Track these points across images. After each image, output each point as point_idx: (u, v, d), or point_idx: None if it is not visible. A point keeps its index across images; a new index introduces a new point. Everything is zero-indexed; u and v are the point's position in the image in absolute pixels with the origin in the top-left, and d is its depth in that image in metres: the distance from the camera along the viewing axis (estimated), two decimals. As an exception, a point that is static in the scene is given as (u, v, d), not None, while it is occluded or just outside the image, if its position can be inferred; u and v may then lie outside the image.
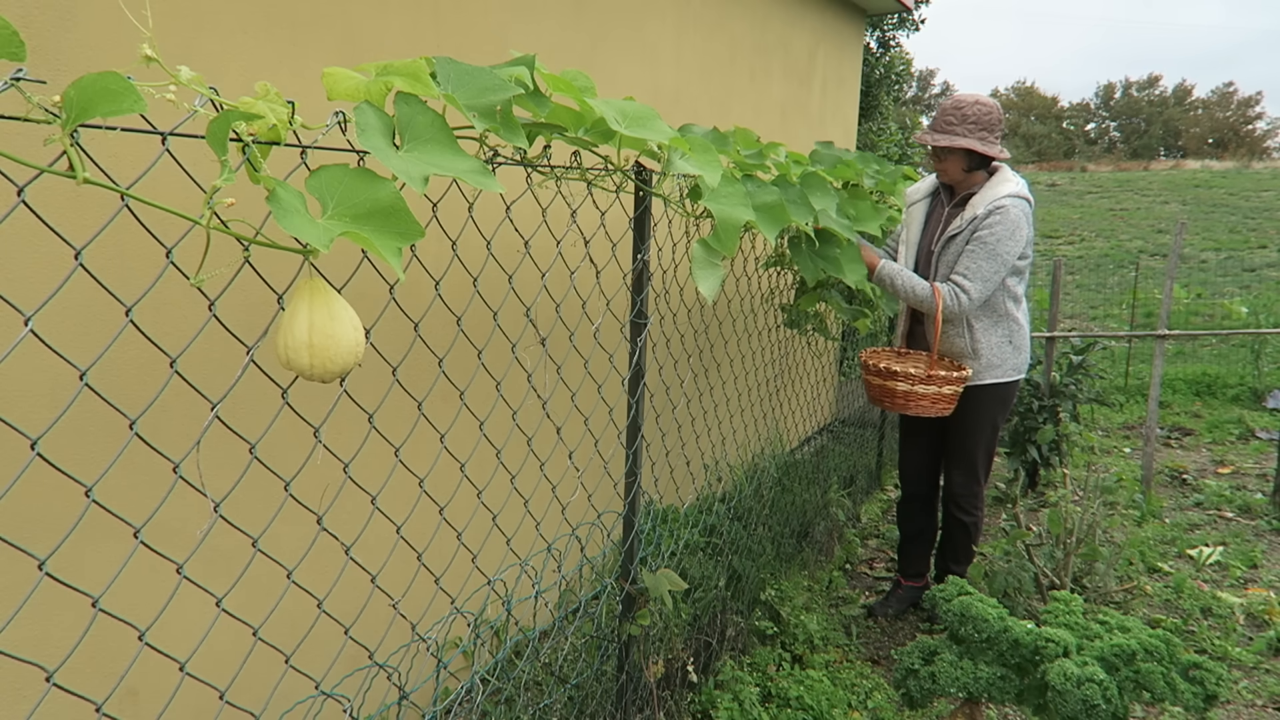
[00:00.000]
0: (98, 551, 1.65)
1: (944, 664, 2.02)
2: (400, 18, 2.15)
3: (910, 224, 3.11)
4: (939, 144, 2.85)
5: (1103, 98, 61.13)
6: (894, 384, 2.88)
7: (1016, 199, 2.83)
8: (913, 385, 2.86)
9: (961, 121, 2.83)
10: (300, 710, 1.82)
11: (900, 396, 2.89)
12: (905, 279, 2.88)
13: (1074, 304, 10.35)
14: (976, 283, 2.82)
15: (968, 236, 2.84)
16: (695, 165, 1.64)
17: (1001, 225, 2.79)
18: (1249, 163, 27.65)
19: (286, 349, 0.99)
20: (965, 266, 2.84)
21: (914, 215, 3.10)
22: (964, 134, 2.84)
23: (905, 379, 2.86)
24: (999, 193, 2.84)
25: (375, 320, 1.34)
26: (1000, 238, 2.79)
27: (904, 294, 2.89)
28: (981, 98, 2.88)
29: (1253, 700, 2.85)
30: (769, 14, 4.18)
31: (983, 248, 2.80)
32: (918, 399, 2.87)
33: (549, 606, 2.80)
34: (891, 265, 2.91)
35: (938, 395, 2.86)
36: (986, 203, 2.82)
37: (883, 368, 2.93)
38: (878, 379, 2.95)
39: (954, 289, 2.86)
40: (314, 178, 0.96)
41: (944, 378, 2.85)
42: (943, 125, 2.87)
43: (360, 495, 2.06)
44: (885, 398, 2.94)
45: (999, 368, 3.02)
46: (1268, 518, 4.41)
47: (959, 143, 2.82)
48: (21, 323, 0.82)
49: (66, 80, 1.46)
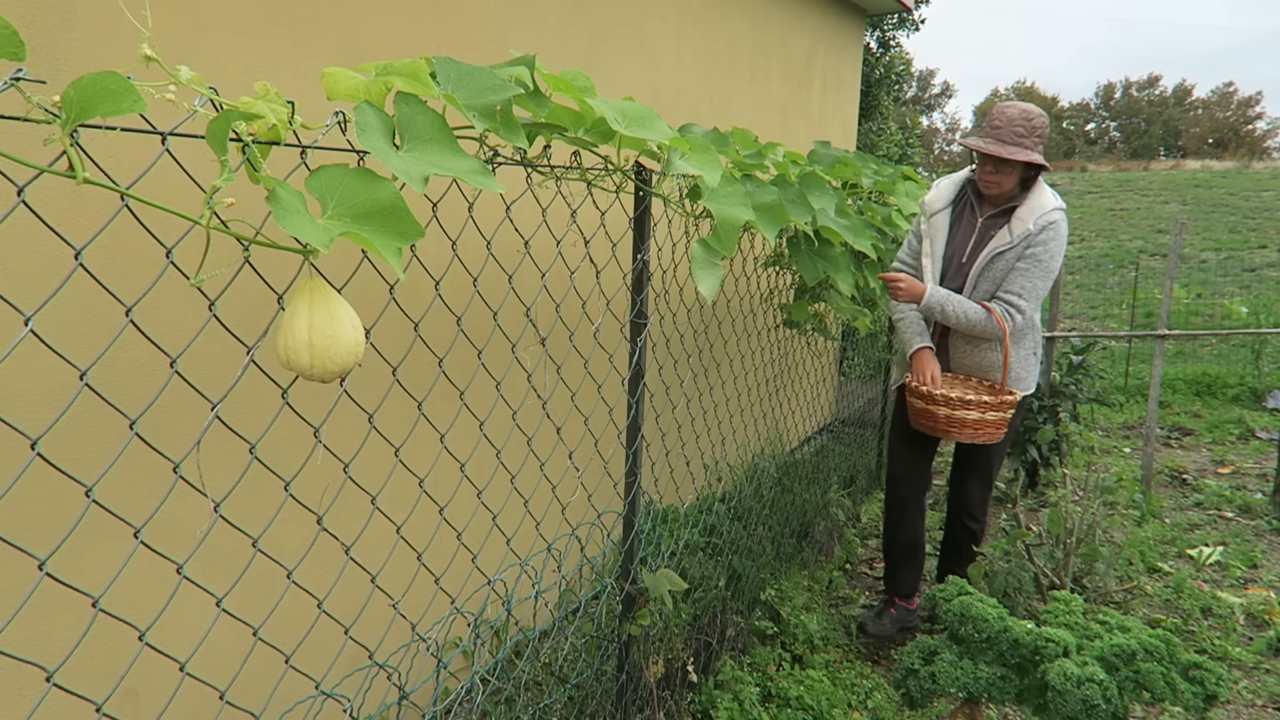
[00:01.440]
0: (98, 551, 1.65)
1: (944, 664, 2.02)
2: (400, 18, 2.15)
3: (934, 236, 2.92)
4: (1014, 158, 2.64)
5: (1103, 98, 61.14)
6: (963, 413, 2.75)
7: (1061, 210, 2.74)
8: (984, 413, 2.75)
9: (1030, 134, 2.66)
10: (300, 710, 1.82)
11: (969, 425, 2.76)
12: (957, 305, 2.75)
13: (1074, 304, 10.35)
14: (1031, 301, 2.73)
15: (1020, 253, 2.71)
16: (695, 165, 1.64)
17: (1055, 241, 2.70)
18: (1249, 163, 27.64)
19: (286, 349, 0.99)
20: (1020, 286, 2.72)
21: (937, 226, 2.91)
22: (1032, 146, 2.69)
23: (965, 405, 2.74)
24: (1045, 204, 2.72)
25: (375, 320, 1.34)
26: (1054, 254, 2.70)
27: (957, 322, 2.77)
28: (1035, 108, 2.72)
29: (1253, 700, 2.85)
30: (769, 14, 4.17)
31: (1038, 266, 2.70)
32: (976, 426, 2.76)
33: (549, 606, 2.80)
34: (941, 292, 2.77)
35: (1001, 420, 2.77)
36: (1036, 216, 2.70)
37: (939, 395, 2.79)
38: (940, 408, 2.79)
39: (1008, 309, 2.74)
40: (314, 178, 0.96)
41: (1009, 402, 2.75)
42: (1012, 137, 2.67)
43: (360, 495, 2.06)
44: (953, 427, 2.79)
45: (1026, 379, 2.94)
46: (1268, 518, 4.41)
47: (1033, 157, 2.66)
48: (21, 323, 0.82)
49: (66, 80, 1.46)
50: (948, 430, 2.79)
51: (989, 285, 2.78)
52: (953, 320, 2.77)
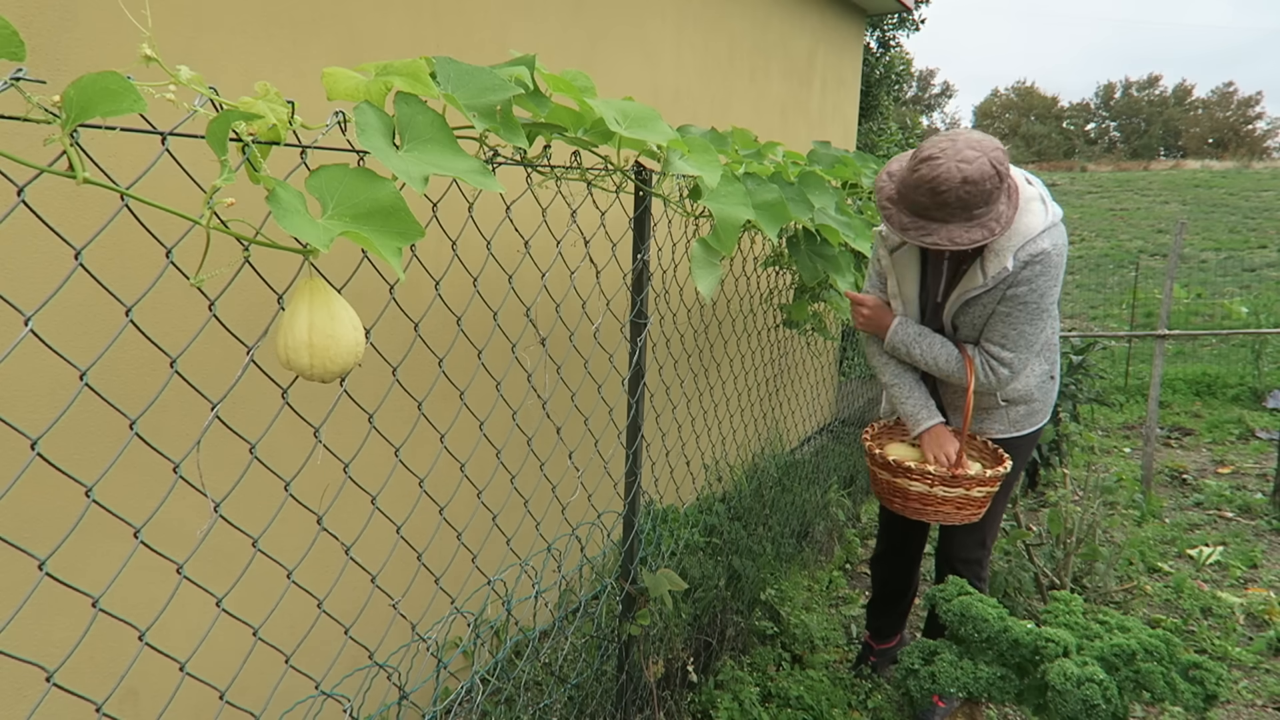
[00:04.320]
0: (98, 551, 1.65)
1: (944, 664, 2.02)
2: (400, 17, 2.15)
3: (901, 273, 2.29)
4: (969, 246, 1.95)
5: (1103, 98, 61.16)
6: (908, 483, 2.21)
7: (1054, 231, 2.07)
8: (932, 486, 2.18)
9: (983, 200, 1.92)
10: (300, 710, 1.82)
11: (915, 499, 2.21)
12: (927, 349, 2.23)
13: (1074, 304, 10.36)
14: (1020, 352, 2.14)
15: (1000, 295, 2.09)
16: (694, 166, 1.65)
17: (1044, 278, 2.05)
18: (1249, 163, 27.66)
19: (286, 349, 0.99)
20: (1002, 334, 2.13)
21: (902, 264, 2.28)
22: (991, 204, 1.94)
23: (922, 477, 2.18)
24: (1031, 228, 2.03)
25: (375, 320, 1.34)
26: (1043, 292, 2.06)
27: (928, 367, 2.26)
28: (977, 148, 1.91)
29: (1253, 700, 2.85)
30: (769, 13, 4.18)
31: (1024, 311, 2.08)
32: (939, 504, 2.20)
33: (549, 606, 2.80)
34: (910, 328, 2.26)
35: (964, 499, 2.18)
36: (1017, 248, 2.03)
37: (893, 461, 2.21)
38: (886, 474, 2.26)
39: (987, 361, 2.18)
40: (314, 178, 0.96)
41: (974, 479, 2.17)
42: (955, 211, 1.92)
43: (360, 495, 2.06)
44: (895, 496, 2.26)
45: (1040, 412, 2.38)
46: (1268, 518, 4.41)
47: (993, 228, 1.96)
48: (21, 323, 0.82)
49: (66, 80, 1.46)
50: (921, 509, 2.23)
51: (969, 330, 2.21)
52: (922, 364, 2.26)
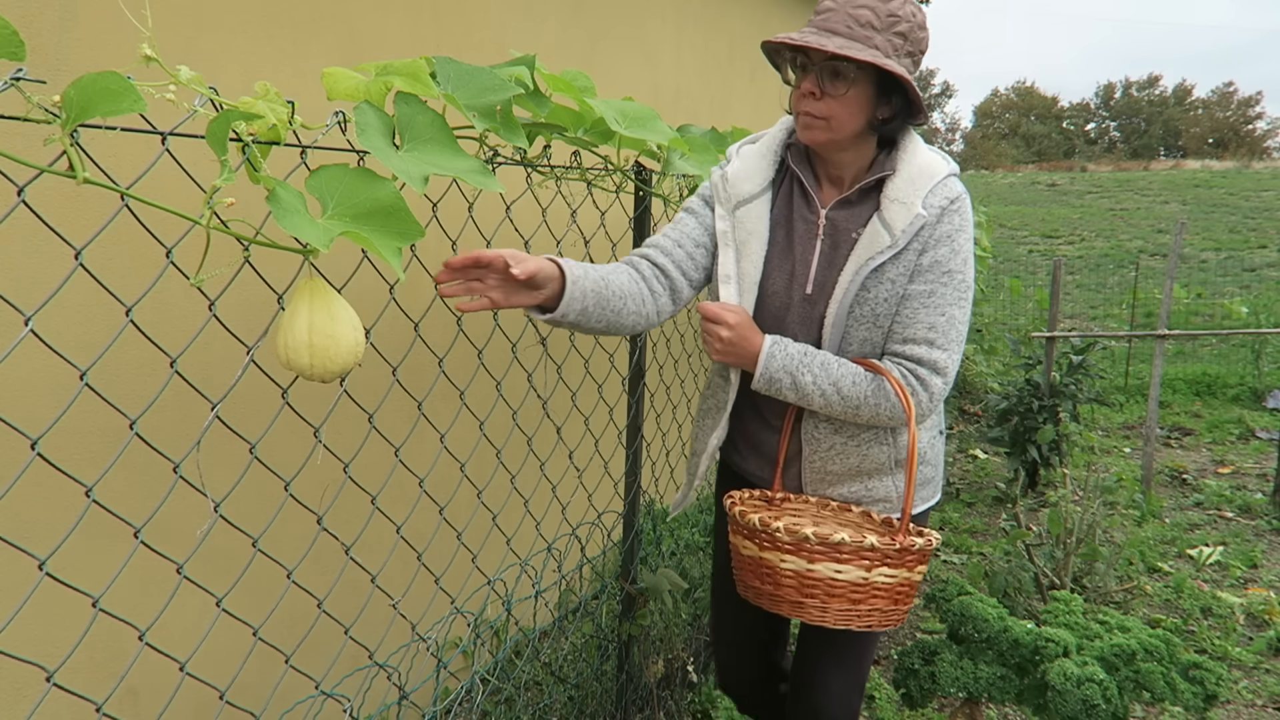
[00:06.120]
0: (98, 551, 1.65)
1: (944, 664, 2.02)
2: (400, 17, 2.15)
3: (744, 243, 1.54)
4: (856, 56, 1.33)
5: (1103, 97, 61.17)
6: (828, 567, 1.39)
7: (957, 176, 1.50)
8: (871, 570, 1.38)
9: (886, 28, 1.37)
10: (300, 710, 1.82)
11: (841, 593, 1.40)
12: (821, 372, 1.46)
13: (1074, 304, 10.36)
14: (952, 349, 1.47)
15: (912, 265, 1.45)
16: (694, 165, 1.65)
17: (964, 234, 1.46)
18: (1249, 163, 27.68)
19: (286, 349, 0.99)
20: (928, 324, 1.45)
21: (749, 224, 1.54)
22: (888, 50, 1.37)
23: (837, 553, 1.38)
24: (934, 169, 1.47)
25: (375, 320, 1.34)
26: (966, 256, 1.47)
27: (825, 401, 1.47)
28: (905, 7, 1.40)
29: (1253, 700, 2.85)
30: (769, 14, 4.18)
31: (949, 284, 1.45)
32: (857, 595, 1.40)
33: (549, 606, 2.80)
34: (791, 349, 1.48)
35: (903, 586, 1.43)
36: (925, 190, 1.44)
37: (775, 531, 1.40)
38: (788, 556, 1.41)
39: (911, 371, 1.46)
40: (314, 178, 0.96)
41: (918, 551, 1.41)
42: (848, 27, 1.36)
43: (360, 495, 2.06)
44: (809, 596, 1.42)
45: (934, 480, 1.66)
46: (1268, 518, 4.41)
47: (889, 64, 1.35)
48: (22, 323, 0.82)
49: (67, 80, 1.46)
50: (797, 604, 1.43)
51: (866, 330, 1.49)
52: (816, 399, 1.47)
